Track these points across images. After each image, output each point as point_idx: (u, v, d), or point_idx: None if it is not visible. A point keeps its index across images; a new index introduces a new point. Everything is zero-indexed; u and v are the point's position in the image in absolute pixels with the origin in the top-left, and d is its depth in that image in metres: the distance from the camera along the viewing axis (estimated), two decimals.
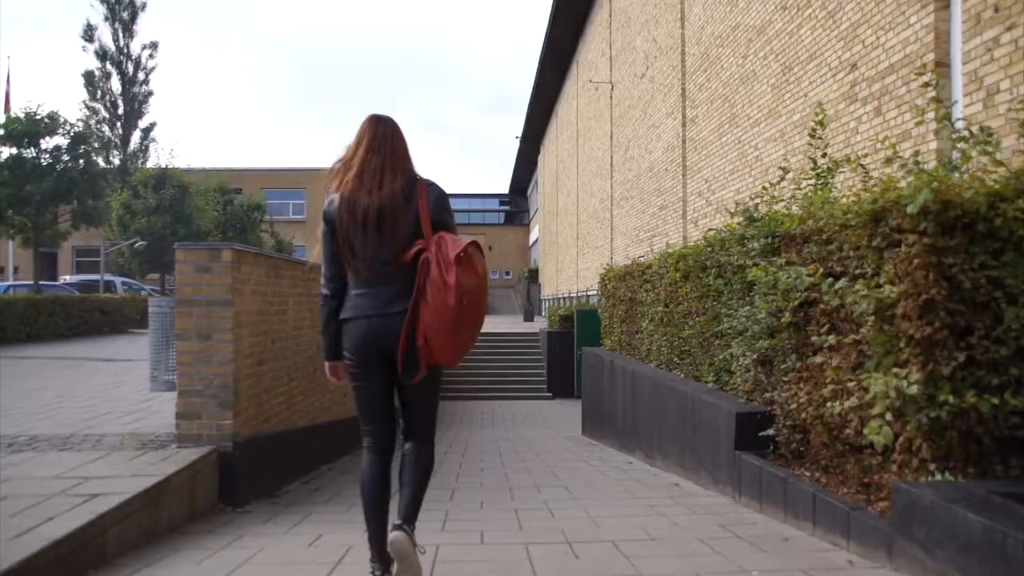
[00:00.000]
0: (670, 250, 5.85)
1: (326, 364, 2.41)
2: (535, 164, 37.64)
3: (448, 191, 2.35)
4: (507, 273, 45.81)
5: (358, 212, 2.25)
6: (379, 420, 2.34)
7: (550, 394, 14.56)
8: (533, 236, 41.11)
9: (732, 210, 4.30)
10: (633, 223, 13.98)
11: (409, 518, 2.23)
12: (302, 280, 5.24)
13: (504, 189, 47.53)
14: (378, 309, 2.25)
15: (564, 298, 23.82)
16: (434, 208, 2.25)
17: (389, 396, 2.32)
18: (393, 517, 2.25)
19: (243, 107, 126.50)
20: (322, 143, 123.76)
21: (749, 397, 3.87)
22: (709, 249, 4.48)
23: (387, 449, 2.34)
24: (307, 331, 5.32)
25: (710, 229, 4.79)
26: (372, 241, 2.24)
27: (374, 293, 2.26)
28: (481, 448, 7.27)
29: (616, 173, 15.93)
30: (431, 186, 2.29)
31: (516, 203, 47.18)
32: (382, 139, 2.29)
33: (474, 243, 2.23)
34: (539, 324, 20.60)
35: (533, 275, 35.69)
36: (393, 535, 2.17)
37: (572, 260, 23.07)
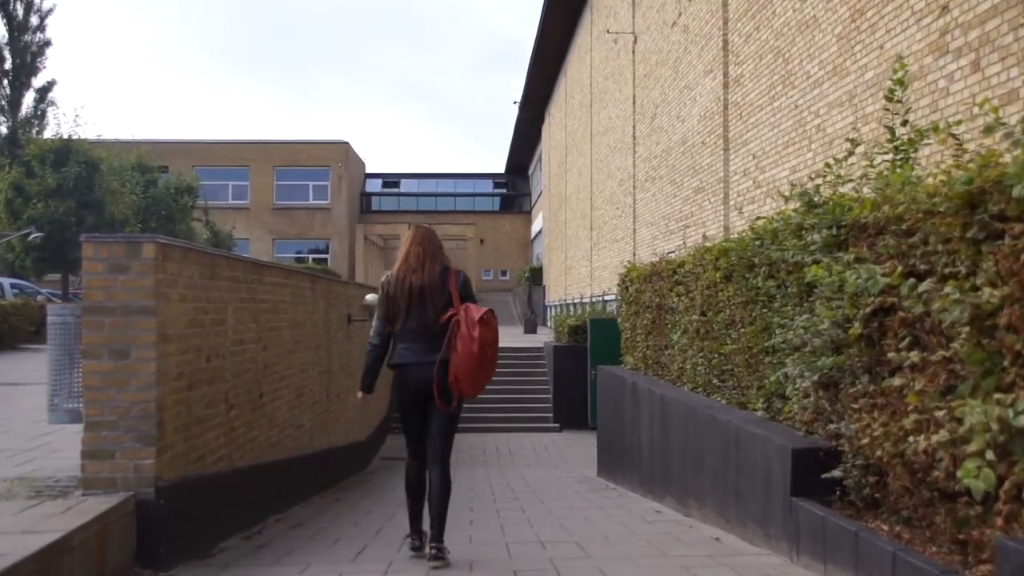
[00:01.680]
0: (708, 244, 5.84)
1: (359, 394, 4.54)
2: (538, 137, 37.77)
3: (427, 170, 2.68)
4: (503, 273, 45.91)
5: (407, 287, 4.30)
6: (417, 437, 4.32)
7: (557, 425, 14.59)
8: (536, 227, 41.22)
9: (786, 193, 4.29)
10: (661, 210, 13.99)
11: (437, 536, 4.06)
12: (245, 282, 5.22)
13: (499, 168, 47.64)
14: (420, 358, 4.22)
15: (574, 304, 23.85)
16: (461, 288, 4.35)
17: (425, 420, 4.28)
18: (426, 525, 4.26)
19: (172, 64, 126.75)
20: (272, 110, 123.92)
21: (809, 429, 3.85)
22: (757, 242, 4.47)
23: (421, 457, 4.31)
24: (251, 346, 5.30)
25: (759, 217, 4.78)
26: (415, 308, 4.28)
27: (414, 347, 4.25)
28: (471, 494, 7.26)
29: (640, 147, 15.94)
30: (458, 273, 4.41)
31: (514, 185, 47.29)
32: (423, 237, 4.46)
33: (490, 311, 4.26)
34: (543, 336, 20.63)
35: (535, 275, 35.79)
36: (432, 565, 4.00)
37: (584, 257, 23.10)
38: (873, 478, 3.32)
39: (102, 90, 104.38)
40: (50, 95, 30.49)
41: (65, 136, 23.66)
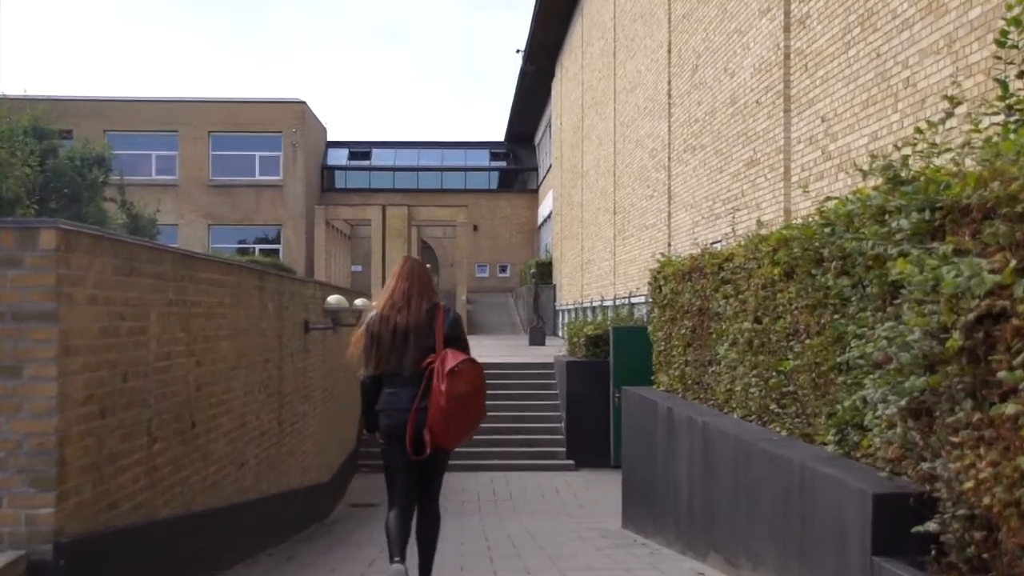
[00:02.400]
0: (764, 231, 5.82)
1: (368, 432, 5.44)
2: (547, 95, 37.82)
3: (406, 137, 2.68)
4: (502, 269, 46.07)
5: (392, 327, 5.10)
6: (399, 482, 5.15)
7: (571, 462, 14.62)
8: (544, 210, 41.32)
9: (865, 166, 4.26)
10: (704, 188, 13.99)
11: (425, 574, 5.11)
12: (173, 280, 5.21)
13: (498, 135, 47.77)
14: (399, 406, 5.04)
15: (593, 308, 23.86)
16: (448, 329, 5.12)
17: (409, 467, 5.07)
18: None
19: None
20: (211, 57, 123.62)
21: (894, 469, 3.83)
22: (827, 230, 4.45)
23: (407, 504, 5.09)
24: (181, 361, 5.29)
25: (829, 197, 4.76)
26: (399, 349, 5.07)
27: (397, 393, 5.06)
28: (462, 549, 7.25)
29: (677, 108, 15.94)
30: (448, 311, 5.20)
31: (517, 157, 47.41)
32: (409, 271, 5.25)
33: (468, 359, 5.04)
34: (552, 349, 20.65)
35: (543, 272, 35.90)
36: None
37: (606, 248, 23.13)
38: (980, 533, 3.29)
39: None
40: None
41: None
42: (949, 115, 4.13)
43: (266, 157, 38.45)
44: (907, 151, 4.09)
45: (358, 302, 11.24)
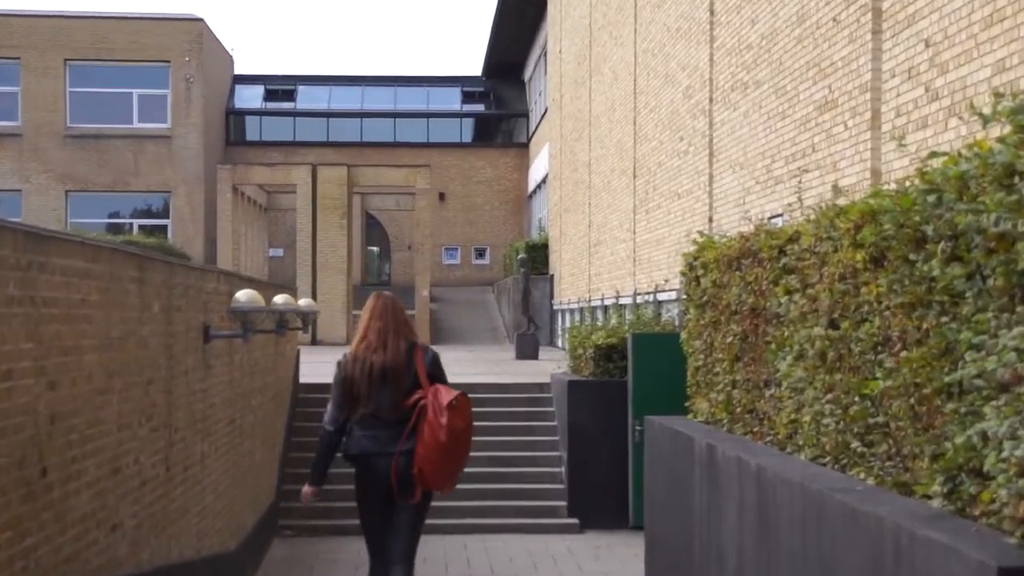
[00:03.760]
0: (843, 201, 5.82)
1: (306, 486, 7.25)
2: (540, 14, 37.74)
3: (346, 71, 2.66)
4: (478, 254, 46.15)
5: (368, 368, 6.80)
6: (380, 536, 6.84)
7: (575, 520, 14.61)
8: (537, 171, 41.33)
9: (986, 110, 4.26)
10: (759, 141, 14.01)
11: None
12: (15, 268, 5.18)
13: (473, 68, 47.76)
14: (383, 448, 6.74)
15: (605, 307, 23.87)
16: (430, 367, 6.96)
17: (388, 515, 6.73)
18: None
19: None
20: None
21: None
22: (932, 198, 4.45)
23: (385, 557, 6.77)
24: (25, 382, 5.26)
25: (934, 152, 4.76)
26: (376, 391, 6.79)
27: (377, 435, 6.79)
28: None
29: (722, 29, 15.95)
30: (426, 350, 7.13)
31: (499, 98, 47.40)
32: (383, 309, 7.03)
33: (463, 394, 6.80)
34: (549, 364, 20.63)
35: (537, 257, 35.93)
36: None
37: (623, 224, 23.16)
38: None
39: None
40: None
41: None
42: None
43: (148, 97, 38.34)
44: None
45: (278, 300, 11.19)
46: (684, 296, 9.11)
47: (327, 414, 7.08)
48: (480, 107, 47.36)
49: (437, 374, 6.92)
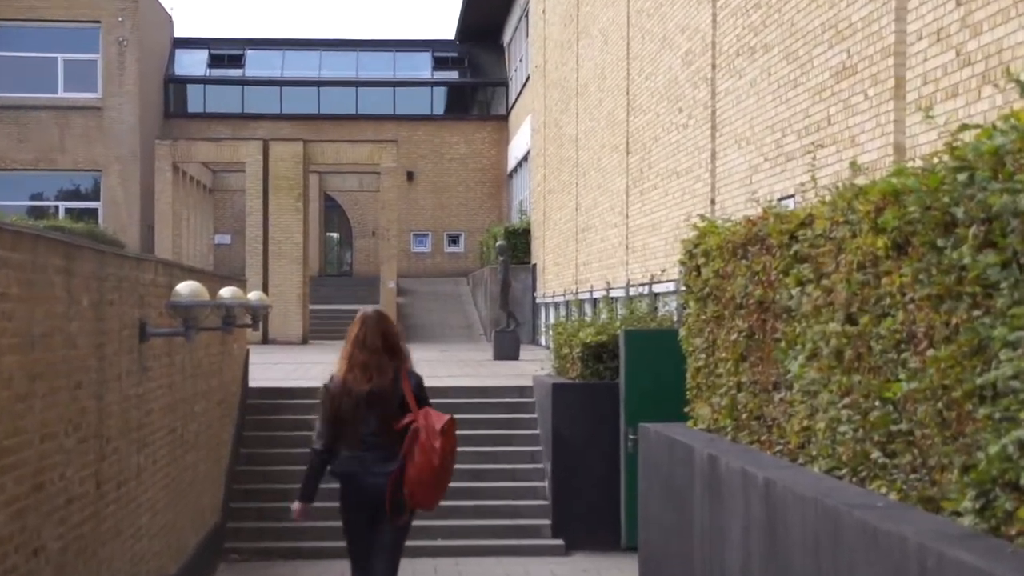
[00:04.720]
0: (862, 180, 5.82)
1: (296, 503, 8.35)
2: None
3: (302, 34, 2.75)
4: (451, 240, 46.13)
5: (353, 397, 7.89)
6: (364, 555, 8.01)
7: (559, 541, 14.64)
8: (518, 147, 41.31)
9: (1023, 76, 4.27)
10: (768, 113, 14.02)
11: None
12: None
13: (446, 31, 47.75)
14: (371, 468, 7.88)
15: (595, 300, 23.87)
16: (416, 390, 8.10)
17: (371, 535, 7.94)
18: None
19: None
20: None
21: None
22: (963, 177, 4.46)
23: (368, 570, 8.06)
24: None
25: (965, 125, 4.76)
26: (361, 417, 7.90)
27: (364, 456, 7.95)
28: None
29: None
30: (411, 373, 8.22)
31: (475, 64, 47.37)
32: (369, 339, 8.04)
33: (452, 418, 7.95)
34: (532, 365, 20.65)
35: (517, 245, 35.93)
36: None
37: (615, 207, 23.17)
38: None
39: None
40: None
41: None
42: None
43: (75, 62, 38.14)
44: None
45: (225, 293, 11.16)
46: (683, 288, 9.11)
47: (315, 432, 8.13)
48: (453, 74, 47.33)
49: (423, 398, 7.99)
